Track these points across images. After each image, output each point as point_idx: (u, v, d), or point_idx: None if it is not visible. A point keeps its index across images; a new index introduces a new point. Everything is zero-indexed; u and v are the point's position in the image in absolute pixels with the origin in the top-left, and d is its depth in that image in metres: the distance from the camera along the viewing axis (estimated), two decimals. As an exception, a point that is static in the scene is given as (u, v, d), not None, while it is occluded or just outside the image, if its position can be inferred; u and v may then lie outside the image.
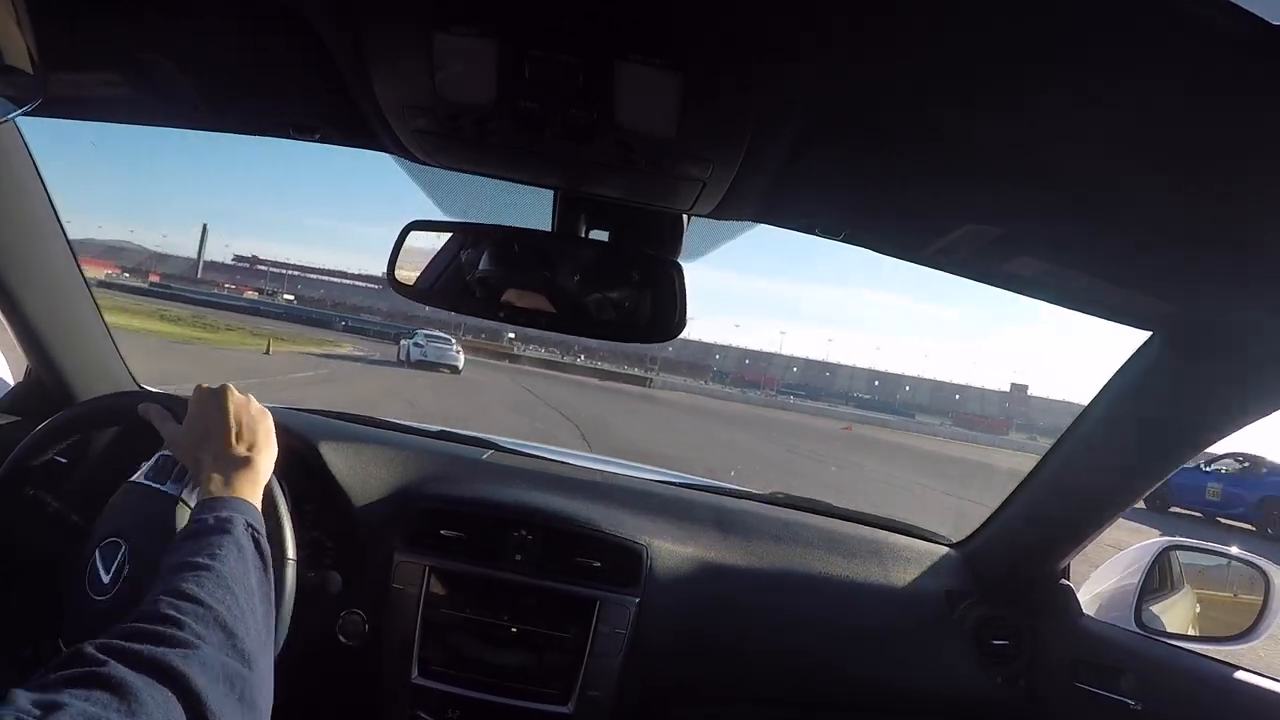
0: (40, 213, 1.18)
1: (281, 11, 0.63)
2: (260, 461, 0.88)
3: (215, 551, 0.70)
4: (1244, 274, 0.75)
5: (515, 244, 0.99)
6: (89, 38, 0.74)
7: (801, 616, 1.35)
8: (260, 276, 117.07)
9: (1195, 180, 0.60)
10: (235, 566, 0.70)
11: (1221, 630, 1.35)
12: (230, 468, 0.85)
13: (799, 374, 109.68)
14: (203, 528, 0.74)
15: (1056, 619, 1.36)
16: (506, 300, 0.97)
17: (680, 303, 0.91)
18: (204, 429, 0.89)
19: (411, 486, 1.37)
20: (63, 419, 1.12)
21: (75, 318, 1.35)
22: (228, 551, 0.71)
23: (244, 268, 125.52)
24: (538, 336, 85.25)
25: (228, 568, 0.68)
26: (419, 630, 1.24)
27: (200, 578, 0.65)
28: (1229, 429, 1.02)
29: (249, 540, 0.75)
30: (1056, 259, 0.85)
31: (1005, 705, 1.35)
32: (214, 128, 0.94)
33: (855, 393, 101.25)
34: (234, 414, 0.90)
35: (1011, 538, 1.42)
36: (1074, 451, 1.26)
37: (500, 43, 0.59)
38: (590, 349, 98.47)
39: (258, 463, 0.87)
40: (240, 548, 0.73)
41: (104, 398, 1.24)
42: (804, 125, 0.66)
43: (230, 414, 0.90)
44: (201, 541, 0.71)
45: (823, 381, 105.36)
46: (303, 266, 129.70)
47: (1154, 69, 0.47)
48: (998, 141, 0.64)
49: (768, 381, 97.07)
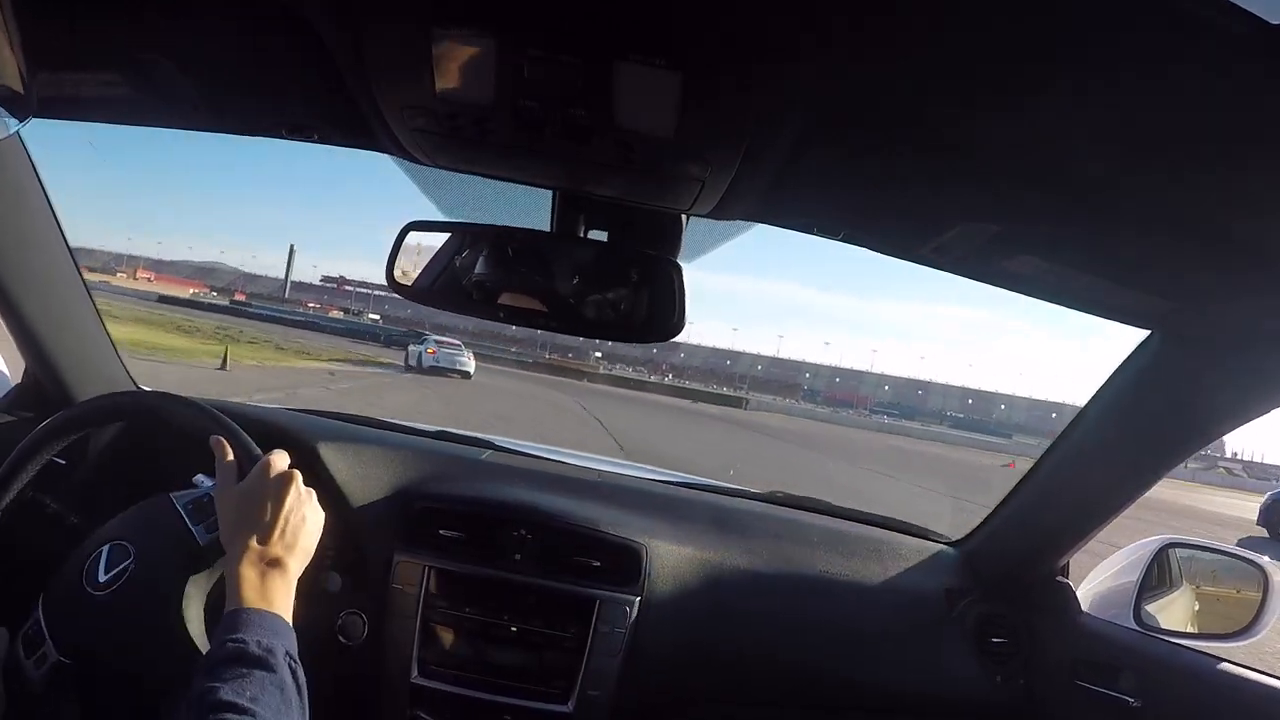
0: (39, 214, 1.18)
1: (280, 11, 0.63)
2: (294, 567, 0.86)
3: (258, 695, 0.68)
4: (1242, 272, 0.75)
5: (514, 244, 0.99)
6: (87, 37, 0.74)
7: (801, 616, 1.35)
8: (346, 296, 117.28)
9: (1194, 179, 0.61)
10: (278, 709, 0.68)
11: (1220, 627, 1.35)
12: (266, 568, 0.82)
13: (891, 392, 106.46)
14: (244, 655, 0.71)
15: (1056, 617, 1.36)
16: (505, 300, 0.97)
17: (679, 303, 0.91)
18: (254, 512, 0.86)
19: (411, 487, 1.37)
20: (61, 420, 1.12)
21: (73, 318, 1.34)
22: (270, 695, 0.69)
23: (330, 288, 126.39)
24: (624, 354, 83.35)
25: (269, 712, 0.67)
26: (419, 630, 1.24)
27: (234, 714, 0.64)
28: (1228, 426, 1.02)
29: (288, 674, 0.72)
30: (1055, 258, 0.86)
31: (1005, 703, 1.36)
32: (212, 128, 0.94)
33: (949, 411, 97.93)
34: (288, 507, 0.87)
35: (1011, 536, 1.42)
36: (1073, 450, 1.27)
37: (499, 42, 0.59)
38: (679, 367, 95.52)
39: (291, 567, 0.85)
40: (282, 687, 0.70)
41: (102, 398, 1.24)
42: (803, 125, 0.66)
43: (285, 507, 0.87)
44: (242, 676, 0.69)
45: (915, 400, 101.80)
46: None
47: (1153, 68, 0.47)
48: (996, 141, 0.64)
49: (860, 400, 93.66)
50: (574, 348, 54.93)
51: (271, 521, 0.85)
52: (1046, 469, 1.32)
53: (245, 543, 0.83)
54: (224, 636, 0.74)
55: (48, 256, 1.23)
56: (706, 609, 1.34)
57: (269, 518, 0.85)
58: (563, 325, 0.96)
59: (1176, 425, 1.07)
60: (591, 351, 56.15)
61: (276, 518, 0.85)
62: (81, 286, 1.32)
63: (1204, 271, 0.79)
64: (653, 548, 1.33)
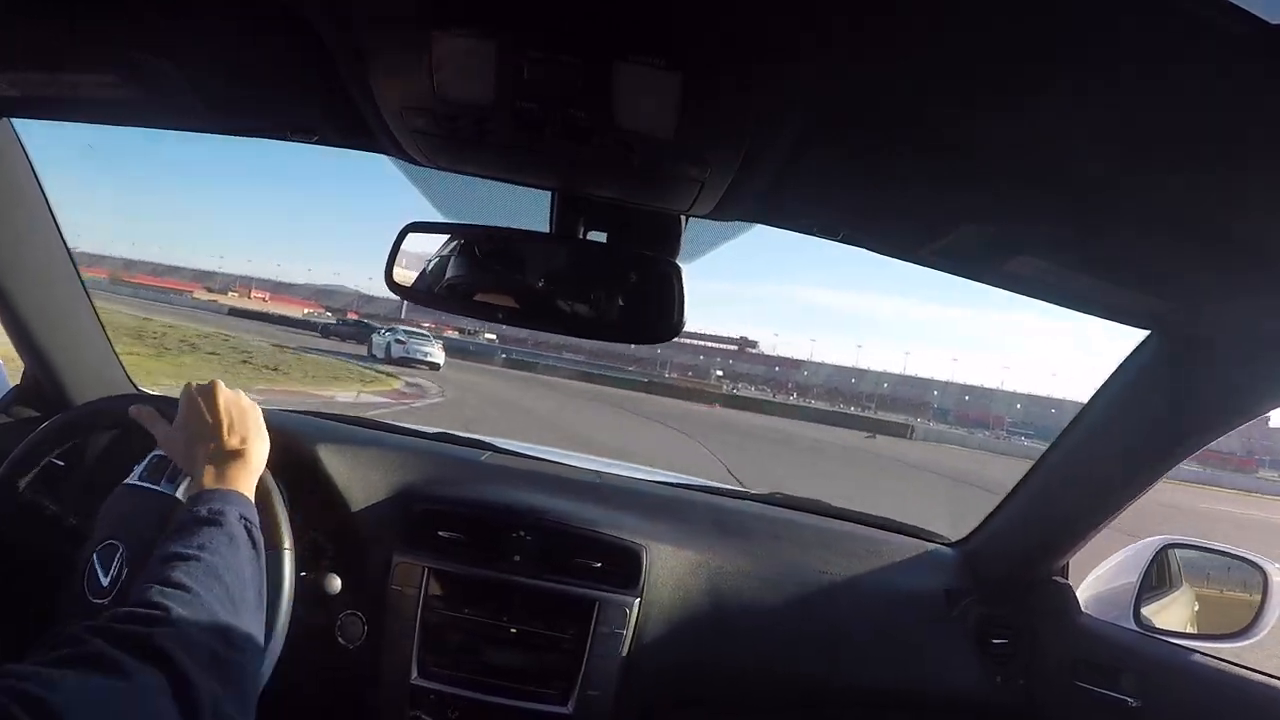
0: (37, 216, 1.18)
1: (280, 12, 0.63)
2: (252, 453, 0.89)
3: (205, 543, 0.70)
4: (1241, 272, 0.75)
5: (513, 246, 0.99)
6: (86, 38, 0.74)
7: (801, 617, 1.35)
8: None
9: (1194, 179, 0.61)
10: (226, 556, 0.70)
11: (1220, 628, 1.35)
12: (223, 461, 0.85)
13: (1022, 411, 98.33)
14: (193, 519, 0.74)
15: (1056, 618, 1.36)
16: (504, 301, 0.97)
17: (679, 304, 0.91)
18: (196, 426, 0.89)
19: (410, 488, 1.36)
20: (60, 422, 1.12)
21: (72, 321, 1.34)
22: (218, 542, 0.71)
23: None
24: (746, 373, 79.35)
25: (218, 558, 0.69)
26: (418, 631, 1.24)
27: (189, 567, 0.66)
28: (1227, 427, 1.02)
29: (241, 530, 0.75)
30: (1054, 258, 0.86)
31: (1005, 704, 1.35)
32: (211, 129, 0.94)
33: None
34: (224, 409, 0.90)
35: (1010, 537, 1.42)
36: (1072, 450, 1.27)
37: (499, 43, 0.59)
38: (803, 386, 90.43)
39: (250, 455, 0.88)
40: (232, 538, 0.73)
41: (101, 400, 1.24)
42: (803, 125, 0.66)
43: (221, 409, 0.90)
44: (192, 532, 0.72)
45: (1050, 419, 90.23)
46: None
47: (1153, 69, 0.47)
48: (996, 141, 0.64)
49: (996, 420, 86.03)
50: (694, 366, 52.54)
51: (215, 424, 0.89)
52: (1046, 469, 1.32)
53: (200, 453, 0.86)
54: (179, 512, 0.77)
55: (46, 257, 1.23)
56: (706, 610, 1.33)
57: (212, 422, 0.89)
58: (561, 326, 0.96)
59: (1176, 425, 1.07)
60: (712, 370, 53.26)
61: (218, 417, 0.89)
62: (80, 287, 1.32)
63: (1203, 272, 0.79)
64: (652, 549, 1.33)
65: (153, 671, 0.52)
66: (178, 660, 0.54)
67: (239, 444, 0.88)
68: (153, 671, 0.52)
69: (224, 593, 0.65)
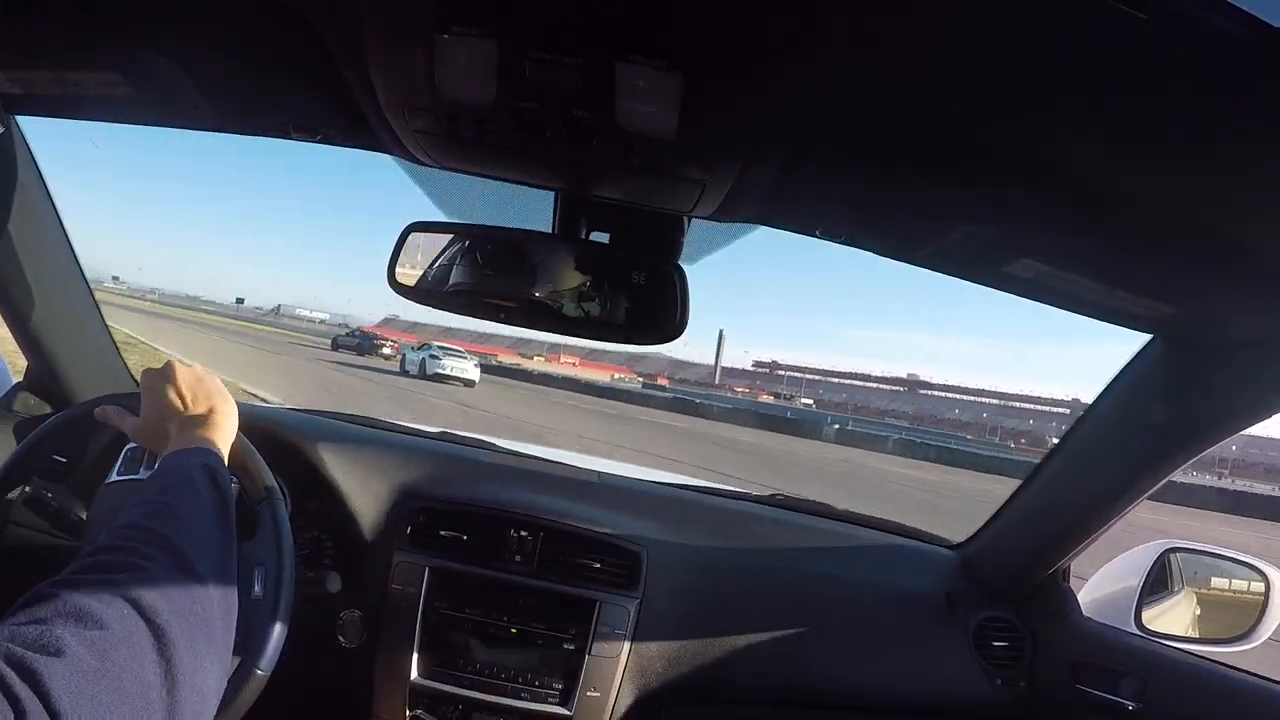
0: (42, 213, 1.19)
1: (284, 11, 0.63)
2: (219, 416, 0.89)
3: (164, 487, 0.71)
4: (1243, 276, 0.75)
5: (515, 246, 0.99)
6: (92, 36, 0.75)
7: (801, 618, 1.35)
8: (779, 381, 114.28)
9: (1196, 184, 0.60)
10: (185, 497, 0.71)
11: (1222, 632, 1.34)
12: (190, 428, 0.86)
13: None
14: (156, 473, 0.76)
15: (1057, 621, 1.36)
16: (506, 302, 0.97)
17: (681, 305, 0.91)
18: (161, 407, 0.90)
19: (411, 487, 1.37)
20: (63, 418, 1.12)
21: (75, 317, 1.35)
22: (178, 486, 0.72)
23: (763, 373, 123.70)
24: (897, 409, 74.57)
25: (177, 499, 0.70)
26: (418, 630, 1.24)
27: (146, 509, 0.67)
28: (1229, 431, 1.01)
29: (202, 475, 0.75)
30: (1056, 261, 0.85)
31: (1006, 708, 1.35)
32: (214, 128, 0.94)
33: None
34: (184, 384, 0.91)
35: (1012, 540, 1.41)
36: (1074, 454, 1.26)
37: (500, 44, 0.59)
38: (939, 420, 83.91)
39: (217, 418, 0.89)
40: (191, 481, 0.73)
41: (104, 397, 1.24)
42: (804, 127, 0.66)
43: (182, 384, 0.90)
44: (152, 484, 0.73)
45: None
46: (825, 370, 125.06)
47: (1154, 72, 0.47)
48: (998, 143, 0.64)
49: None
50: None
51: (179, 401, 0.89)
52: (1048, 473, 1.32)
53: (172, 428, 0.87)
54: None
55: (50, 255, 1.24)
56: (707, 611, 1.33)
57: (175, 401, 0.89)
58: (563, 327, 0.96)
59: (1177, 430, 1.06)
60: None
61: (180, 393, 0.89)
62: (84, 285, 1.33)
63: (1205, 276, 0.79)
64: (653, 550, 1.33)
65: (122, 612, 0.52)
66: (143, 599, 0.54)
67: (204, 411, 0.89)
68: (122, 612, 0.52)
69: (183, 529, 0.65)
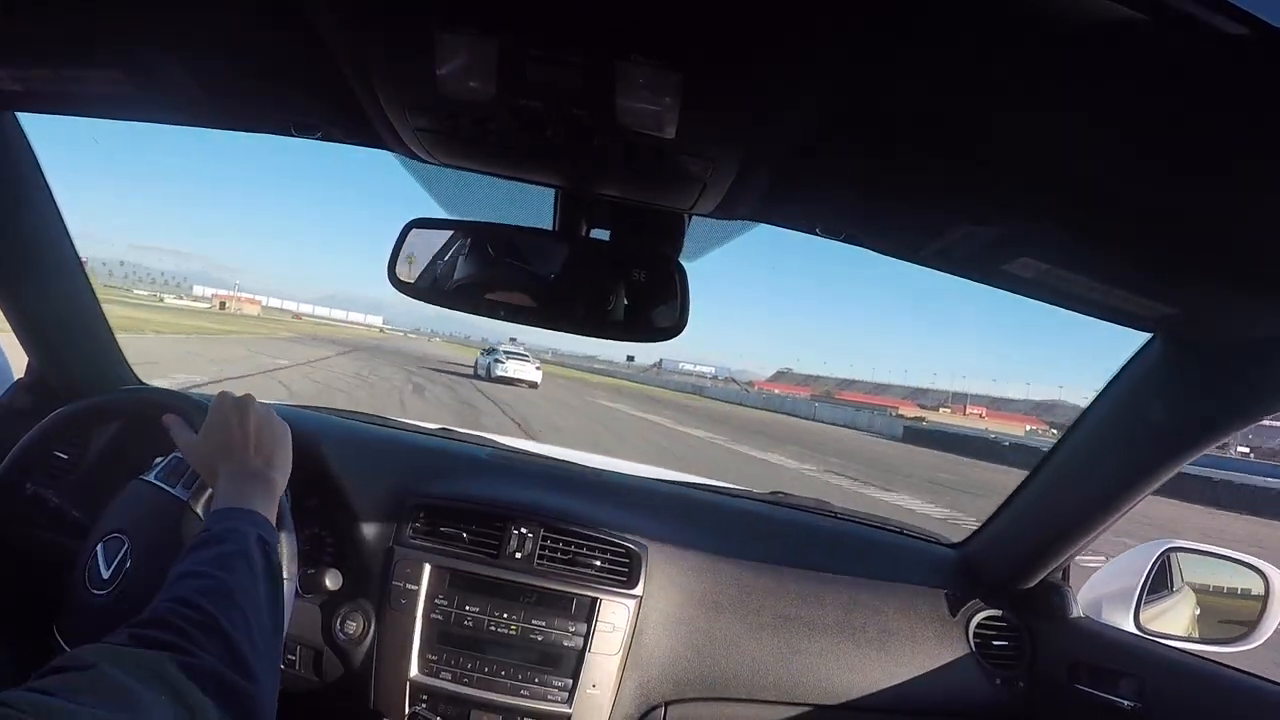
0: (43, 210, 1.19)
1: (284, 9, 0.63)
2: (275, 477, 0.87)
3: (224, 563, 0.69)
4: (1243, 275, 0.75)
5: (516, 243, 0.99)
6: (92, 33, 0.75)
7: (800, 617, 1.35)
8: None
9: (1196, 183, 0.60)
10: (244, 579, 0.68)
11: (1221, 633, 1.35)
12: (245, 480, 0.83)
13: None
14: (212, 538, 0.73)
15: (1056, 621, 1.36)
16: (506, 299, 0.97)
17: (682, 302, 0.91)
18: (222, 441, 0.87)
19: (412, 484, 1.37)
20: (64, 415, 1.12)
21: (77, 314, 1.35)
22: (237, 564, 0.69)
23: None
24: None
25: (235, 580, 0.67)
26: (418, 628, 1.25)
27: (205, 587, 0.64)
28: (1229, 430, 1.01)
29: (259, 554, 0.73)
30: (1057, 260, 0.85)
31: (1005, 707, 1.35)
32: (216, 125, 0.94)
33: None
34: (254, 427, 0.88)
35: (1011, 540, 1.42)
36: (1074, 453, 1.26)
37: (501, 42, 0.59)
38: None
39: (273, 478, 0.86)
40: (250, 561, 0.71)
41: (106, 394, 1.24)
42: (805, 125, 0.66)
43: (250, 427, 0.88)
44: (210, 552, 0.70)
45: None
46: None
47: (1155, 70, 0.47)
48: (999, 142, 0.64)
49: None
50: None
51: (242, 441, 0.87)
52: (1047, 472, 1.32)
53: (223, 468, 0.85)
54: (196, 528, 0.76)
55: (51, 252, 1.24)
56: (706, 610, 1.34)
57: (238, 439, 0.87)
58: (563, 324, 0.96)
59: (1178, 429, 1.06)
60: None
61: (246, 436, 0.87)
62: (85, 282, 1.33)
63: (1206, 275, 0.79)
64: (653, 548, 1.33)
65: (159, 698, 0.50)
66: (186, 689, 0.52)
67: (262, 465, 0.86)
68: (159, 698, 0.50)
69: (239, 617, 0.63)
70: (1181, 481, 15.46)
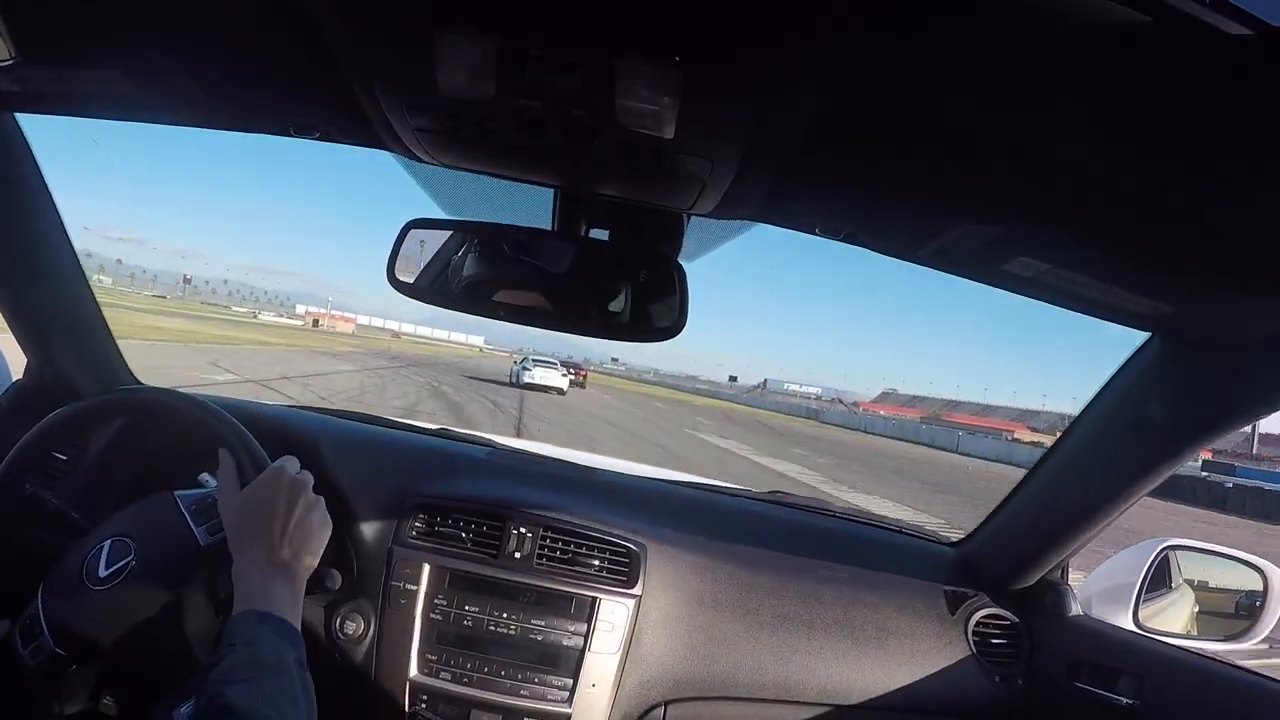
0: (42, 211, 1.18)
1: (284, 9, 0.63)
2: (301, 571, 0.86)
3: (272, 698, 0.69)
4: (1242, 275, 0.75)
5: (515, 243, 0.99)
6: (90, 33, 0.75)
7: (800, 616, 1.35)
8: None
9: (1195, 182, 0.60)
10: (287, 712, 0.69)
11: (1220, 630, 1.35)
12: (270, 575, 0.83)
13: None
14: (255, 660, 0.72)
15: (1055, 619, 1.36)
16: (505, 299, 0.97)
17: (681, 302, 0.91)
18: (261, 516, 0.86)
19: (411, 484, 1.37)
20: (63, 415, 1.12)
21: (75, 315, 1.35)
22: (284, 701, 0.70)
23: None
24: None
25: (276, 706, 0.68)
26: (418, 628, 1.25)
27: (245, 699, 0.66)
28: (1228, 428, 1.02)
29: (298, 679, 0.73)
30: (1055, 259, 0.85)
31: (1004, 705, 1.35)
32: (215, 125, 0.94)
33: None
34: (298, 515, 0.87)
35: (1010, 538, 1.42)
36: (1073, 452, 1.27)
37: (501, 42, 0.59)
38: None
39: (297, 571, 0.86)
40: (293, 693, 0.72)
41: (104, 394, 1.24)
42: (804, 125, 0.66)
43: (295, 514, 0.87)
44: (254, 680, 0.70)
45: None
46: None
47: (1155, 70, 0.47)
48: (998, 141, 0.64)
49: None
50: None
51: (281, 528, 0.85)
52: (1046, 471, 1.32)
53: (253, 548, 0.84)
54: (235, 639, 0.74)
55: (50, 252, 1.24)
56: (706, 609, 1.34)
57: (278, 524, 0.86)
58: (563, 324, 0.96)
59: (1177, 427, 1.06)
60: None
61: (286, 524, 0.86)
62: (84, 282, 1.33)
63: (1204, 275, 0.79)
64: (652, 548, 1.33)
65: None
66: None
67: (289, 556, 0.85)
68: None
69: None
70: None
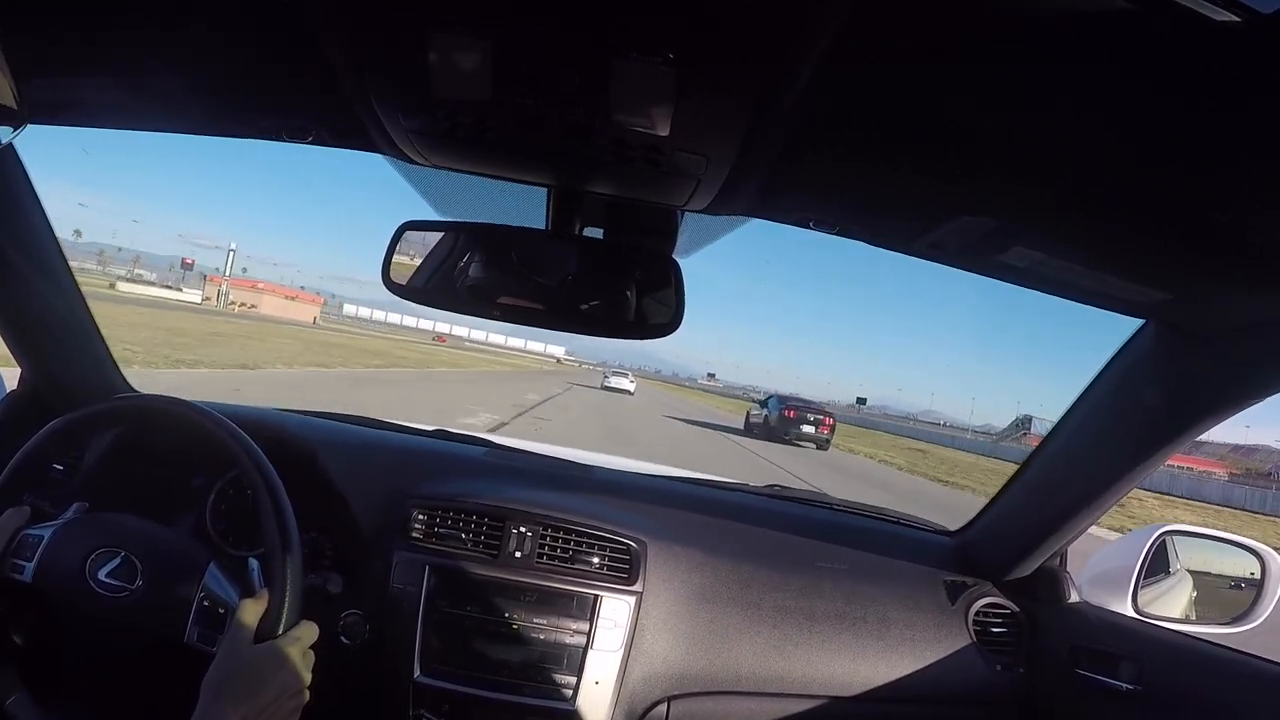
0: (32, 220, 1.18)
1: (275, 13, 0.62)
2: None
3: None
4: (1235, 263, 0.75)
5: (509, 243, 0.99)
6: (80, 42, 0.74)
7: (800, 608, 1.35)
8: None
9: (1188, 170, 0.61)
10: None
11: (1219, 615, 1.36)
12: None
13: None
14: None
15: (1054, 606, 1.37)
16: (501, 299, 0.97)
17: (677, 298, 0.91)
18: (252, 688, 0.85)
19: (410, 485, 1.36)
20: (59, 425, 1.12)
21: (68, 325, 1.34)
22: None
23: None
24: None
25: None
26: (420, 629, 1.24)
27: None
28: (1223, 415, 1.02)
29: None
30: (1050, 249, 0.86)
31: (1005, 692, 1.36)
32: (206, 131, 0.93)
33: None
34: (283, 704, 0.86)
35: (1008, 526, 1.42)
36: (1070, 439, 1.27)
37: (495, 41, 0.59)
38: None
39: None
40: None
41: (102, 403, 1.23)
42: (799, 120, 0.66)
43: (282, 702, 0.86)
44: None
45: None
46: None
47: (1146, 62, 0.47)
48: (992, 133, 0.64)
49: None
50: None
51: (263, 707, 0.84)
52: (1043, 458, 1.32)
53: (226, 705, 0.82)
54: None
55: (41, 262, 1.23)
56: (706, 603, 1.34)
57: (261, 702, 0.84)
58: (560, 323, 0.96)
59: (1172, 414, 1.07)
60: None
61: (268, 705, 0.84)
62: (77, 292, 1.32)
63: (1198, 263, 0.79)
64: (652, 544, 1.33)
65: None
66: None
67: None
68: None
69: None
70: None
